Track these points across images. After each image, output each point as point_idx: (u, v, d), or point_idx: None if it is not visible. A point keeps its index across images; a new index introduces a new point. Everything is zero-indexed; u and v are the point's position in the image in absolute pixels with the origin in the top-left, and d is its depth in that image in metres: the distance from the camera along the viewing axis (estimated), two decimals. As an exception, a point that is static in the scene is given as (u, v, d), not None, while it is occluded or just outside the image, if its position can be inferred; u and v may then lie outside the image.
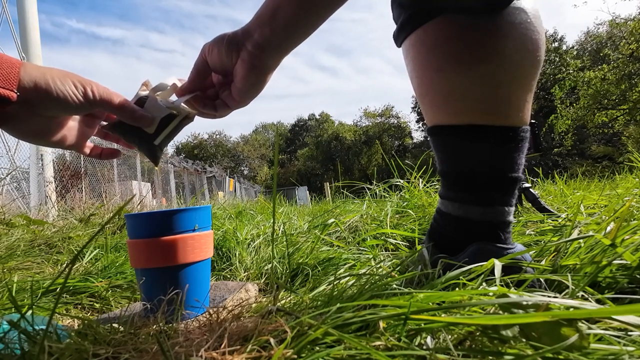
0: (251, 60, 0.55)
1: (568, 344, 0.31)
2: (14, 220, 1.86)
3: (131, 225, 0.70)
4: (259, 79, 0.58)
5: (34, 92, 0.51)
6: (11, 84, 0.49)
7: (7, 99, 0.49)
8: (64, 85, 0.52)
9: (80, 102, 0.54)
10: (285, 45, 0.56)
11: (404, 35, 0.71)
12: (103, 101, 0.56)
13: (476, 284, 0.51)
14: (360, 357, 0.34)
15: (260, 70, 0.57)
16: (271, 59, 0.56)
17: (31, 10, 4.19)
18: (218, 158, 37.31)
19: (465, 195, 0.68)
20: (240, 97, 0.59)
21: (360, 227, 1.50)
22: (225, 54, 0.57)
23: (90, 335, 0.45)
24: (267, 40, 0.54)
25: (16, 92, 0.49)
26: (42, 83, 0.51)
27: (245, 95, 0.59)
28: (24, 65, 0.51)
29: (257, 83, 0.58)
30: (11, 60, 0.50)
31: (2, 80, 0.48)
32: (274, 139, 44.08)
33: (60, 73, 0.53)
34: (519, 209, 1.48)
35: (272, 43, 0.54)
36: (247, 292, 0.82)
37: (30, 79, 0.50)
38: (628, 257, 0.53)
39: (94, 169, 6.61)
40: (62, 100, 0.52)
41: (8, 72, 0.49)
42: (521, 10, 0.64)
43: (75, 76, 0.54)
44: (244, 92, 0.59)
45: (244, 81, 0.57)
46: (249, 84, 0.58)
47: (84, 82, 0.54)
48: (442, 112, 0.68)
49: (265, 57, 0.55)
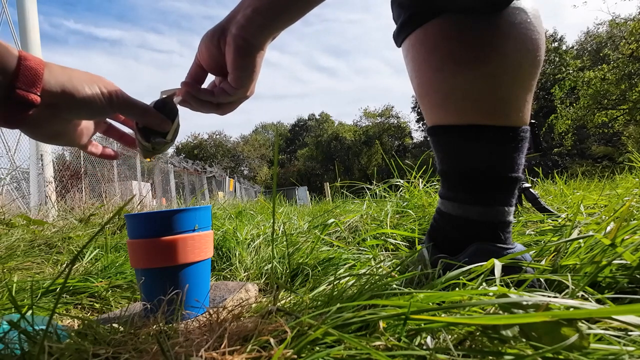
0: (235, 41, 0.54)
1: (568, 344, 0.31)
2: (14, 220, 1.86)
3: (131, 225, 0.70)
4: (246, 60, 0.56)
5: (61, 96, 0.49)
6: (35, 86, 0.47)
7: (30, 103, 0.47)
8: (91, 90, 0.51)
9: (105, 108, 0.53)
10: (270, 24, 0.54)
11: (404, 36, 0.71)
12: (127, 108, 0.56)
13: (476, 284, 0.51)
14: (360, 357, 0.34)
15: (246, 50, 0.55)
16: (255, 37, 0.54)
17: (31, 11, 4.19)
18: (218, 158, 37.30)
19: (465, 195, 0.68)
20: (236, 83, 0.58)
21: (360, 227, 1.50)
22: (213, 45, 0.56)
23: (90, 335, 0.45)
24: (249, 19, 0.53)
25: (39, 95, 0.47)
26: (69, 88, 0.50)
27: (239, 80, 0.57)
28: (48, 66, 0.49)
29: (246, 65, 0.56)
30: (35, 60, 0.48)
31: (25, 82, 0.46)
32: (274, 139, 44.02)
33: (87, 77, 0.52)
34: (519, 209, 1.48)
35: (255, 21, 0.53)
36: (247, 292, 0.82)
37: (57, 82, 0.49)
38: (628, 257, 0.53)
39: (94, 169, 6.61)
40: (88, 105, 0.52)
41: (32, 73, 0.47)
42: (521, 10, 0.63)
43: (101, 80, 0.54)
44: (237, 77, 0.57)
45: (233, 65, 0.56)
46: (239, 66, 0.56)
47: (109, 88, 0.54)
48: (442, 112, 0.68)
49: (248, 35, 0.54)
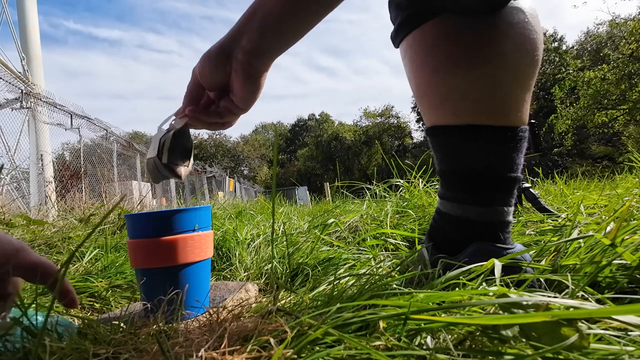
0: (244, 68, 0.55)
1: (568, 344, 0.31)
2: (14, 220, 1.86)
3: (131, 225, 0.70)
4: (255, 85, 0.58)
5: None
6: None
7: None
8: None
9: None
10: (275, 49, 0.55)
11: (402, 36, 0.71)
12: None
13: (476, 284, 0.51)
14: (360, 357, 0.34)
15: (255, 77, 0.57)
16: (263, 63, 0.56)
17: (31, 11, 4.19)
18: (218, 158, 37.30)
19: (464, 195, 0.68)
20: (243, 104, 0.60)
21: (360, 227, 1.50)
22: (216, 69, 0.56)
23: (90, 334, 0.45)
24: (256, 45, 0.53)
25: None
26: None
27: (246, 102, 0.59)
28: None
29: (255, 89, 0.58)
30: None
31: None
32: (274, 139, 44.10)
33: None
34: (519, 209, 1.48)
35: (262, 48, 0.54)
36: (247, 292, 0.82)
37: None
38: (628, 257, 0.53)
39: (94, 169, 6.61)
40: None
41: None
42: (519, 9, 0.63)
43: None
44: (245, 100, 0.59)
45: (243, 90, 0.57)
46: (248, 91, 0.57)
47: None
48: (441, 112, 0.68)
49: (257, 63, 0.55)
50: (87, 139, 6.56)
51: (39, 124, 4.60)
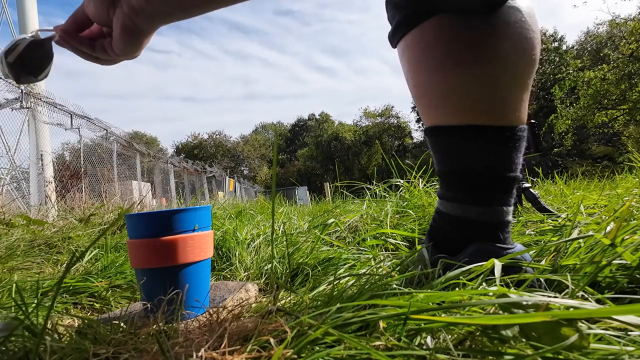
0: (125, 21, 0.54)
1: (568, 343, 0.31)
2: (14, 220, 1.86)
3: (131, 225, 0.70)
4: (133, 41, 0.57)
5: None
6: None
7: None
8: None
9: None
10: (160, 16, 0.54)
11: (400, 36, 0.71)
12: None
13: (476, 284, 0.51)
14: (360, 357, 0.34)
15: (134, 33, 0.56)
16: (146, 24, 0.55)
17: (31, 11, 4.19)
18: (218, 158, 37.31)
19: (463, 195, 0.68)
20: (118, 52, 0.59)
21: (360, 227, 1.50)
22: (100, 8, 0.56)
23: (90, 334, 0.45)
24: (141, 6, 0.52)
25: None
26: None
27: (122, 52, 0.59)
28: None
29: (132, 44, 0.57)
30: None
31: None
32: (274, 139, 44.05)
33: None
34: (519, 209, 1.48)
35: (146, 10, 0.53)
36: (247, 292, 0.82)
37: None
38: (628, 257, 0.53)
39: (94, 169, 6.61)
40: None
41: None
42: (516, 9, 0.64)
43: None
44: (121, 49, 0.58)
45: (119, 40, 0.57)
46: (124, 43, 0.57)
47: None
48: (440, 112, 0.68)
49: (139, 21, 0.54)
50: (87, 138, 6.57)
51: (39, 123, 4.61)
